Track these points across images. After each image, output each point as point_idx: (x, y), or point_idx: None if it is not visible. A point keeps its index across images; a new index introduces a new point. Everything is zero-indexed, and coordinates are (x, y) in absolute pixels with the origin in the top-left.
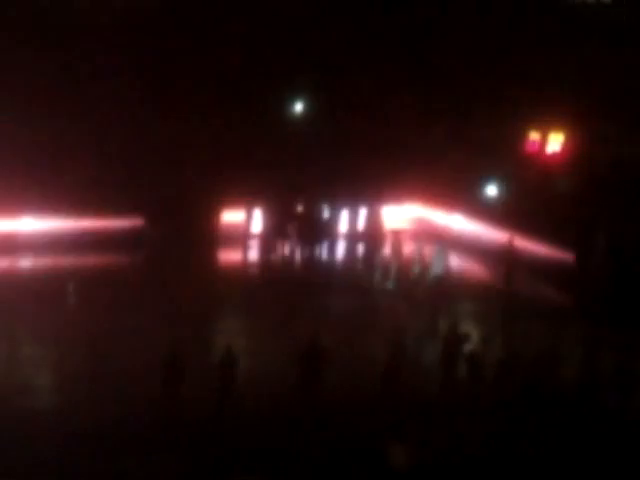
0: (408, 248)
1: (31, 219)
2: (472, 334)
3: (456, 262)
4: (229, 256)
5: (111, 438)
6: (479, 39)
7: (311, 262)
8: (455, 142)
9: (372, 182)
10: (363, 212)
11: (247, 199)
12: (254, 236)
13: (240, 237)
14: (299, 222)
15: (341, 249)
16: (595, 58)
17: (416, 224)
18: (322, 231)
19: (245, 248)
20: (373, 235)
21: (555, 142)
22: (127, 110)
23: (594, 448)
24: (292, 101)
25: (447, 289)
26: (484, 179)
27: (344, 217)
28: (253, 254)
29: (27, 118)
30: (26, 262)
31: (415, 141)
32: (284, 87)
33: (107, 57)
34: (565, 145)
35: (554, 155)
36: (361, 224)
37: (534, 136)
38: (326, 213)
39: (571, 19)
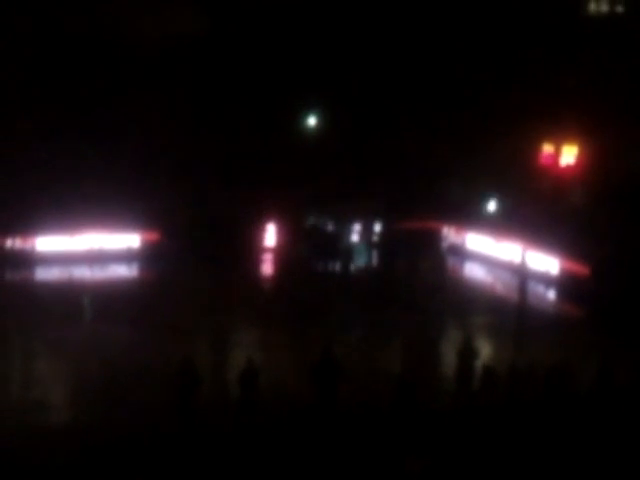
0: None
1: (51, 237)
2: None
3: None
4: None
5: (125, 451)
6: (493, 52)
7: (326, 274)
8: (468, 156)
9: (386, 197)
10: (377, 226)
11: (263, 213)
12: (269, 249)
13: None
14: (313, 235)
15: (355, 261)
16: (608, 69)
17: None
18: (336, 244)
19: (259, 261)
20: (389, 246)
21: (569, 154)
22: (149, 130)
23: (608, 458)
24: (305, 116)
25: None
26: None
27: (357, 230)
28: (268, 267)
29: (53, 138)
30: (47, 276)
31: (428, 156)
32: (298, 102)
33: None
34: (579, 157)
35: (568, 167)
36: (376, 237)
37: (548, 148)
38: (340, 226)
39: (585, 31)
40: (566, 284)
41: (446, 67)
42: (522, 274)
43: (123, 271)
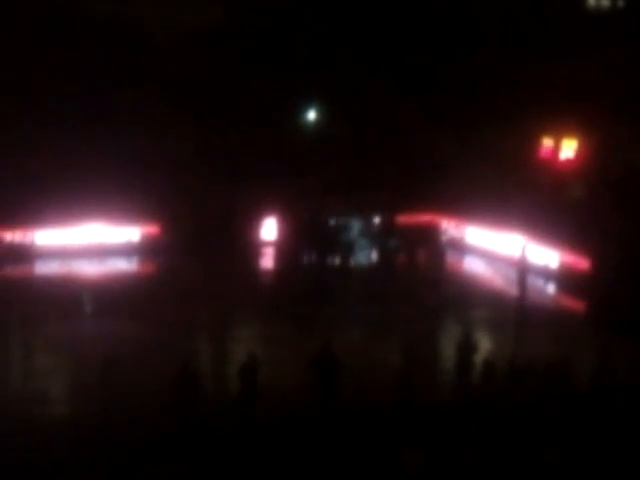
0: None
1: (50, 230)
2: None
3: None
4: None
5: (124, 447)
6: (493, 46)
7: (325, 268)
8: (468, 150)
9: (385, 190)
10: (377, 219)
11: (264, 207)
12: (267, 244)
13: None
14: (312, 230)
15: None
16: (609, 63)
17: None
18: (335, 238)
19: (260, 255)
20: (388, 240)
21: (568, 148)
22: (150, 123)
23: (606, 454)
24: (305, 110)
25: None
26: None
27: (357, 223)
28: (268, 261)
29: (53, 130)
30: (46, 270)
31: (428, 149)
32: (298, 96)
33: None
34: (578, 151)
35: (567, 161)
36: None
37: (547, 142)
38: (339, 221)
39: (586, 25)
40: (566, 278)
41: (447, 60)
42: (522, 268)
43: (123, 265)
